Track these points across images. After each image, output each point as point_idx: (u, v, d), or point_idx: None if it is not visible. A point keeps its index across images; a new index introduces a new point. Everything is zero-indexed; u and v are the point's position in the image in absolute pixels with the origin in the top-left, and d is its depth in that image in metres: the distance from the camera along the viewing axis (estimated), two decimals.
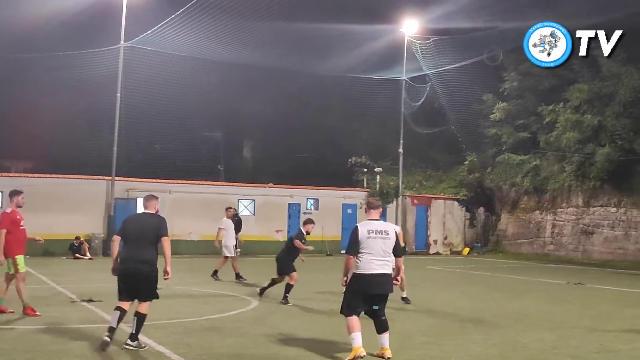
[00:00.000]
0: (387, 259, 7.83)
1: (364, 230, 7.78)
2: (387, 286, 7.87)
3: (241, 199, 29.40)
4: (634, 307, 13.77)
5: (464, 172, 35.46)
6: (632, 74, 26.94)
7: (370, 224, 7.89)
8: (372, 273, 7.70)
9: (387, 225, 8.04)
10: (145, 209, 8.98)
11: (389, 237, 7.83)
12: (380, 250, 7.76)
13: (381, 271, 7.74)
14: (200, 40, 26.80)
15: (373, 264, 7.72)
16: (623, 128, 27.35)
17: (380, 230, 7.82)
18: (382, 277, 7.76)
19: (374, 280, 7.72)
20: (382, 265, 7.78)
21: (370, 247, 7.72)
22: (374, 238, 7.75)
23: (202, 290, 14.99)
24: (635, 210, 27.10)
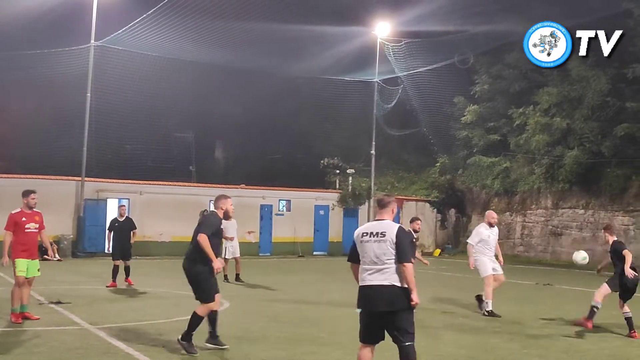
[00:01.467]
0: (382, 267, 6.11)
1: (359, 233, 6.39)
2: (381, 301, 6.05)
3: (213, 200, 29.20)
4: (603, 308, 13.96)
5: (436, 174, 35.75)
6: (600, 78, 27.38)
7: (369, 225, 6.45)
8: (363, 285, 6.22)
9: (387, 225, 6.29)
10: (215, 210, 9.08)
11: (385, 239, 6.15)
12: (374, 256, 6.16)
13: (373, 282, 6.11)
14: (172, 40, 26.63)
15: (365, 273, 6.22)
16: (591, 131, 27.78)
17: (376, 232, 6.24)
18: (374, 289, 6.10)
19: (366, 295, 6.18)
20: (375, 274, 6.13)
21: (364, 252, 6.26)
22: (367, 242, 6.24)
23: (173, 292, 14.85)
24: (603, 212, 27.54)
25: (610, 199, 27.35)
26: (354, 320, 9.49)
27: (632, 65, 26.16)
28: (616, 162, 26.94)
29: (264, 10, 28.50)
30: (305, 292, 15.80)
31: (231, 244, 17.41)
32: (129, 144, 32.41)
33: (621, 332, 10.72)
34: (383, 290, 6.07)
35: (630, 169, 26.44)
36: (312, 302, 13.87)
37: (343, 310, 12.64)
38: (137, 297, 13.76)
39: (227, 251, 17.34)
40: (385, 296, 6.05)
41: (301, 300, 14.27)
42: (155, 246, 27.04)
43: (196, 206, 28.50)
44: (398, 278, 6.09)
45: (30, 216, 10.42)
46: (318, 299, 14.60)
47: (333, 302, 14.00)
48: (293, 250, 29.75)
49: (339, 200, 32.01)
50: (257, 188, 30.33)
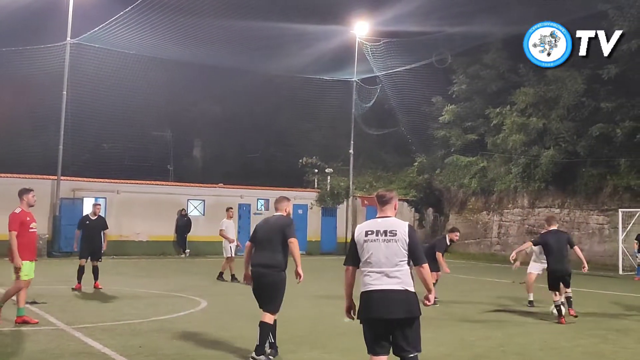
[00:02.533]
0: (394, 270, 5.42)
1: (361, 232, 5.61)
2: (394, 308, 5.36)
3: (191, 199, 29.11)
4: (576, 305, 14.13)
5: (414, 173, 35.91)
6: (576, 79, 27.67)
7: (372, 222, 5.67)
8: (370, 290, 5.44)
9: (396, 223, 5.58)
10: (276, 212, 8.46)
11: (397, 239, 5.46)
12: (383, 257, 5.45)
13: (384, 287, 5.40)
14: (150, 38, 26.43)
15: (372, 276, 5.47)
16: (567, 131, 28.07)
17: (384, 231, 5.52)
18: (385, 294, 5.39)
19: (374, 301, 5.41)
20: (384, 278, 5.43)
21: (370, 253, 5.50)
22: (374, 241, 5.50)
23: (150, 291, 14.77)
24: (578, 211, 27.85)
25: (586, 198, 27.67)
26: (332, 319, 9.55)
27: (606, 66, 26.49)
28: (591, 162, 27.25)
29: (243, 8, 28.42)
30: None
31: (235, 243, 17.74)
32: (106, 143, 32.16)
33: (595, 329, 10.86)
34: (397, 296, 5.38)
35: (605, 168, 26.77)
36: (290, 301, 13.84)
37: (321, 309, 12.64)
38: (114, 297, 13.64)
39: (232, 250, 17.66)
40: (400, 302, 5.38)
41: None
42: (132, 245, 26.85)
43: (174, 205, 28.48)
44: (410, 282, 5.48)
45: (31, 215, 9.92)
46: (296, 297, 14.57)
47: (311, 301, 13.99)
48: None
49: (317, 200, 32.01)
50: (235, 187, 30.23)
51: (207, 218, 29.14)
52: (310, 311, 12.29)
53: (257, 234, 8.24)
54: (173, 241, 28.24)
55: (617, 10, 26.22)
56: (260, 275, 8.03)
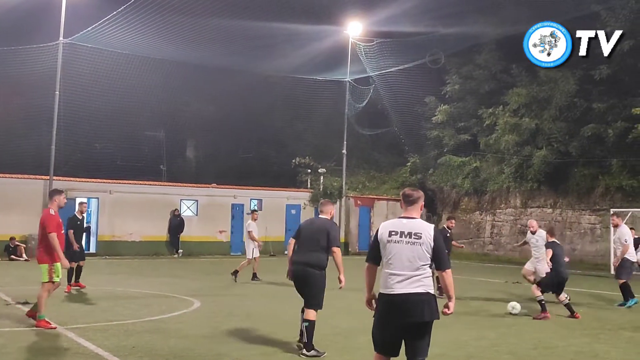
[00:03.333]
0: (417, 273, 5.36)
1: (385, 231, 5.52)
2: (416, 312, 5.31)
3: (184, 200, 29.06)
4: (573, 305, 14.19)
5: (407, 174, 35.95)
6: (568, 79, 27.78)
7: (397, 222, 5.57)
8: (393, 294, 5.36)
9: (421, 226, 5.50)
10: (321, 214, 8.87)
11: (421, 242, 5.38)
12: (406, 259, 5.36)
13: (406, 290, 5.33)
14: (143, 37, 26.36)
15: (393, 279, 5.39)
16: (559, 131, 28.18)
17: (408, 232, 5.43)
18: (408, 298, 5.32)
19: (396, 304, 5.34)
20: (408, 281, 5.35)
21: (392, 254, 5.42)
22: (397, 242, 5.42)
23: (143, 292, 14.74)
24: (570, 211, 27.95)
25: (578, 198, 27.78)
26: (326, 320, 9.58)
27: (599, 67, 26.61)
28: (583, 162, 27.37)
29: (237, 7, 28.39)
30: (278, 291, 15.79)
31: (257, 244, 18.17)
32: (99, 143, 32.06)
33: (588, 329, 10.91)
34: (420, 299, 5.33)
35: (597, 168, 26.89)
36: (284, 301, 13.86)
37: None
38: (107, 298, 13.61)
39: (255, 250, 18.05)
40: (422, 305, 5.32)
41: (273, 299, 14.26)
42: (125, 246, 26.80)
43: (167, 206, 28.44)
44: (432, 285, 5.44)
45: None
46: (290, 297, 14.60)
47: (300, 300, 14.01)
48: (264, 249, 29.67)
49: (310, 200, 32.02)
50: (228, 187, 30.20)
51: (200, 218, 29.13)
52: None
53: (302, 234, 8.62)
54: (166, 241, 28.21)
55: (610, 11, 26.34)
56: (303, 273, 8.35)
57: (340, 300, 12.13)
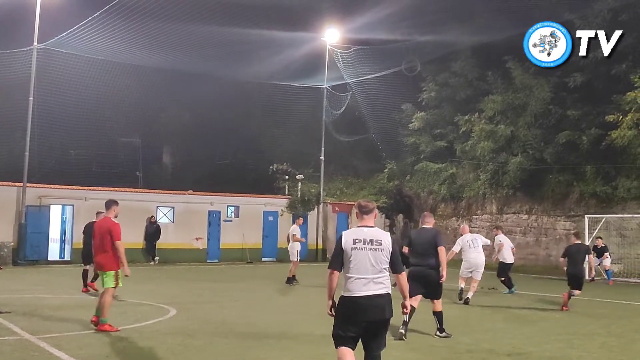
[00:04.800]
0: (379, 277, 5.96)
1: (349, 239, 6.03)
2: (380, 310, 5.92)
3: (160, 206, 28.85)
4: (543, 310, 14.33)
5: (384, 180, 36.07)
6: (543, 86, 28.09)
7: (358, 231, 6.11)
8: (359, 296, 5.90)
9: (380, 234, 6.15)
10: (425, 225, 10.78)
11: (382, 248, 6.00)
12: (369, 264, 5.95)
13: (371, 292, 5.91)
14: (118, 43, 26.19)
15: (359, 282, 5.94)
16: (534, 138, 28.45)
17: (370, 240, 6.01)
18: (372, 299, 5.90)
19: (360, 304, 5.89)
20: (371, 284, 5.94)
21: (356, 260, 5.96)
22: (361, 249, 5.97)
23: (118, 300, 14.58)
24: (546, 217, 28.21)
25: (553, 204, 28.05)
26: (301, 326, 9.56)
27: (573, 75, 26.94)
28: (558, 169, 27.65)
29: (213, 13, 28.32)
30: (254, 298, 15.73)
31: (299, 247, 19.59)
32: (73, 149, 31.74)
33: (563, 334, 11.00)
34: (381, 300, 5.94)
35: (572, 175, 27.17)
36: (260, 308, 13.81)
37: (291, 316, 12.62)
38: (81, 306, 13.45)
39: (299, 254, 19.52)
40: (383, 305, 5.94)
41: (249, 306, 14.20)
42: None
43: (143, 212, 28.19)
44: (390, 286, 6.05)
45: None
46: (266, 304, 14.56)
47: (281, 307, 13.97)
48: (241, 256, 29.59)
49: (288, 206, 31.97)
50: (205, 194, 30.04)
51: (176, 225, 28.91)
52: (280, 318, 12.25)
53: (415, 242, 10.66)
54: (142, 249, 27.95)
55: (583, 20, 26.68)
56: (426, 274, 10.33)
57: (312, 307, 12.10)
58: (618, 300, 16.80)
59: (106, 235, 10.22)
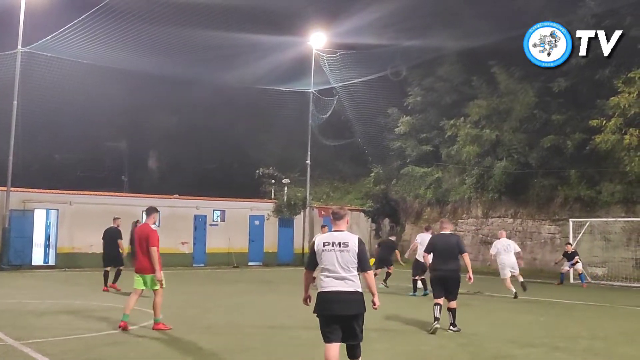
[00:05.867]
0: (347, 275, 6.70)
1: (320, 243, 6.88)
2: (347, 306, 6.68)
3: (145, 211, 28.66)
4: (528, 313, 14.41)
5: (370, 184, 36.17)
6: (527, 91, 28.28)
7: (329, 235, 6.94)
8: (328, 291, 6.70)
9: (348, 237, 6.86)
10: (444, 230, 12.04)
11: (348, 249, 6.73)
12: (337, 264, 6.70)
13: (339, 288, 6.67)
14: (104, 47, 26.07)
15: (328, 280, 6.72)
16: (519, 142, 28.63)
17: (338, 242, 6.78)
18: (340, 295, 6.66)
19: (330, 299, 6.67)
20: (339, 281, 6.69)
21: (326, 261, 6.75)
22: (330, 251, 6.76)
23: (103, 305, 14.50)
24: (531, 221, 28.39)
25: (537, 208, 28.23)
26: (288, 331, 9.57)
27: (557, 80, 27.15)
28: (543, 173, 27.84)
29: (199, 17, 28.28)
30: (240, 302, 15.69)
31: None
32: (58, 153, 31.55)
33: (546, 337, 11.07)
34: (349, 296, 6.68)
35: (556, 179, 27.36)
36: (246, 313, 13.79)
37: (277, 320, 12.61)
38: (66, 311, 13.36)
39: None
40: (352, 301, 6.68)
41: (235, 311, 14.17)
42: (85, 258, 26.29)
43: (128, 217, 27.89)
44: (359, 284, 6.75)
45: None
46: (252, 309, 14.53)
47: (267, 312, 13.95)
48: (227, 260, 29.51)
49: (274, 210, 31.94)
50: (190, 198, 29.95)
51: (162, 229, 28.56)
52: (265, 322, 12.24)
53: (437, 246, 11.71)
54: (128, 253, 27.75)
55: (568, 25, 26.82)
56: (449, 277, 11.45)
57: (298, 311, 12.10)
58: (602, 303, 16.92)
59: (144, 241, 10.84)
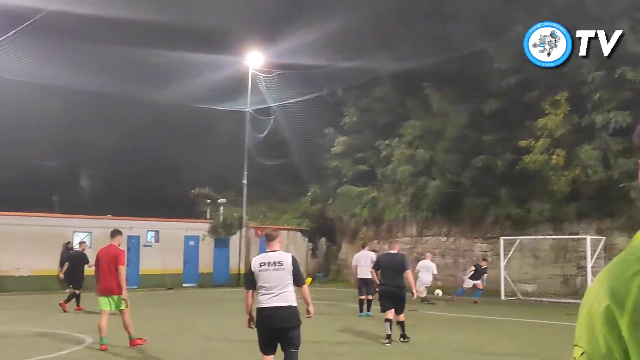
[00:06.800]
0: (284, 291, 7.38)
1: (256, 263, 7.47)
2: (285, 319, 7.40)
3: (77, 232, 27.96)
4: (461, 331, 14.67)
5: (307, 203, 36.24)
6: (459, 112, 28.98)
7: (264, 256, 7.56)
8: (267, 307, 7.34)
9: (282, 256, 7.54)
10: (392, 250, 12.84)
11: (283, 268, 7.39)
12: (273, 282, 7.35)
13: (277, 304, 7.33)
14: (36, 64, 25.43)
15: (266, 297, 7.37)
16: (452, 162, 29.25)
17: (273, 262, 7.41)
18: (278, 310, 7.35)
19: (269, 315, 7.35)
20: (278, 297, 7.35)
21: (264, 280, 7.38)
22: (266, 270, 7.38)
23: (31, 330, 14.01)
24: (463, 239, 28.98)
25: (470, 226, 28.85)
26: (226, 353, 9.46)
27: (487, 101, 27.97)
28: (475, 192, 28.48)
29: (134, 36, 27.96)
30: (174, 324, 15.42)
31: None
32: None
33: (477, 352, 11.27)
34: (285, 311, 7.35)
35: (488, 198, 28.03)
36: (181, 335, 13.56)
37: (214, 343, 12.44)
38: None
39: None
40: (287, 315, 7.36)
41: (170, 333, 13.91)
42: (12, 281, 25.41)
43: (58, 238, 27.18)
44: (294, 299, 7.43)
45: None
46: (188, 331, 14.30)
47: (204, 334, 13.76)
48: (161, 282, 28.97)
49: (209, 231, 31.61)
50: (124, 218, 29.28)
51: (94, 251, 28.00)
52: (201, 344, 12.06)
53: (382, 264, 12.74)
54: (57, 275, 26.95)
55: (497, 49, 27.81)
56: (395, 293, 12.18)
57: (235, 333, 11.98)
58: (532, 319, 17.38)
59: (113, 261, 11.12)
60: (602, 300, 1.21)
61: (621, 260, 1.27)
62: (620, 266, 1.25)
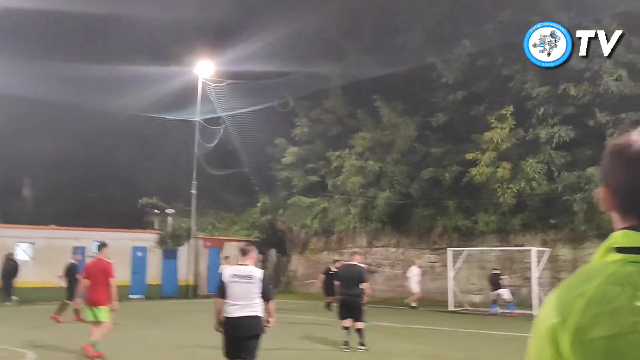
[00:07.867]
0: (251, 302, 7.88)
1: (228, 274, 8.07)
2: (249, 328, 7.91)
3: (19, 242, 27.17)
4: (410, 342, 14.79)
5: (257, 214, 36.04)
6: (408, 125, 29.38)
7: (236, 268, 8.21)
8: (233, 316, 7.86)
9: (253, 270, 8.10)
10: (352, 261, 13.59)
11: (252, 282, 7.92)
12: (242, 294, 7.86)
13: (242, 314, 7.83)
14: None
15: (234, 307, 7.86)
16: (401, 174, 29.60)
17: (244, 275, 7.96)
18: (243, 320, 7.85)
19: (235, 323, 7.86)
20: (244, 308, 7.85)
21: (233, 291, 7.89)
22: (236, 282, 7.90)
23: None
24: (412, 249, 29.30)
25: (418, 237, 29.20)
26: None
27: (435, 114, 28.45)
28: (423, 204, 28.87)
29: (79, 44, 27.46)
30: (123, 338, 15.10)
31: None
32: None
33: None
34: (251, 321, 7.88)
35: (436, 209, 28.45)
36: (130, 349, 13.29)
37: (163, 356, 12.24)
38: None
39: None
40: (251, 324, 7.89)
41: (118, 347, 13.61)
42: None
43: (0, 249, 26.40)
44: (261, 310, 7.97)
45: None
46: (136, 344, 14.03)
47: (150, 347, 13.52)
48: None
49: (157, 242, 31.13)
50: (69, 229, 28.63)
51: (37, 262, 27.30)
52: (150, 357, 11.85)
53: (341, 275, 13.76)
54: None
55: (445, 63, 28.34)
56: (353, 302, 12.97)
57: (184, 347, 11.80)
58: (479, 330, 17.65)
59: (101, 273, 11.35)
60: (549, 317, 1.24)
61: (573, 279, 1.29)
62: (569, 285, 1.28)
